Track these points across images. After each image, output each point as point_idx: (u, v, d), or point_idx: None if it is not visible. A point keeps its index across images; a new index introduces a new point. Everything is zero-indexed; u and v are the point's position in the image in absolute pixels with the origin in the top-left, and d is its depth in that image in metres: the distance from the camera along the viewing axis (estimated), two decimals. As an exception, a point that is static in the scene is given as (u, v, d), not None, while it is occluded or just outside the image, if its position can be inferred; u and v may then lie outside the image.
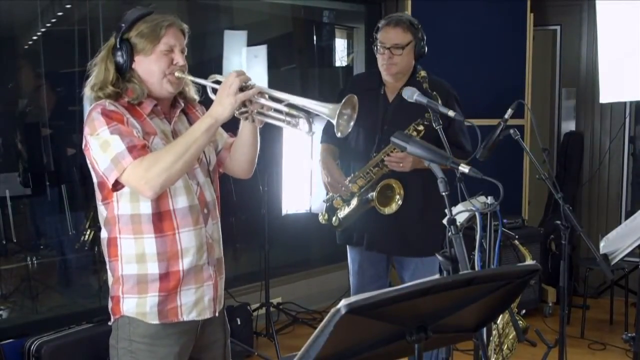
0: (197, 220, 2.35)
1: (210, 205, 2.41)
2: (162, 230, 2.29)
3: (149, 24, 2.28)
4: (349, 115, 2.18)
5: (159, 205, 2.28)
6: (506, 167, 5.44)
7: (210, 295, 2.41)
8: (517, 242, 3.40)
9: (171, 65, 2.31)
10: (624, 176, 6.04)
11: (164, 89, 2.32)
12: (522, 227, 5.39)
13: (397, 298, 1.45)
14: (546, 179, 3.04)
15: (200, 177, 2.39)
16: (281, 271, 5.63)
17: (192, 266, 2.34)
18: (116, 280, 2.35)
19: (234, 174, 2.60)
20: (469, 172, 2.03)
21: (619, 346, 4.78)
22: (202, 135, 2.19)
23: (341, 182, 3.52)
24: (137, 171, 2.16)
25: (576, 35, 6.08)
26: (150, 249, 2.29)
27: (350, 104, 2.17)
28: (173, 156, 2.17)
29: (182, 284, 2.33)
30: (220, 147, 2.55)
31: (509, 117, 3.18)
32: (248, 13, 5.93)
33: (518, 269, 1.69)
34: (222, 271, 2.50)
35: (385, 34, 3.45)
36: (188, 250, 2.32)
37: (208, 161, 2.45)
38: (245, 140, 2.45)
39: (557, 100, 6.26)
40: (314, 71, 6.58)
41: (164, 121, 2.37)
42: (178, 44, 2.32)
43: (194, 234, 2.33)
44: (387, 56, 3.43)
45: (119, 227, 2.31)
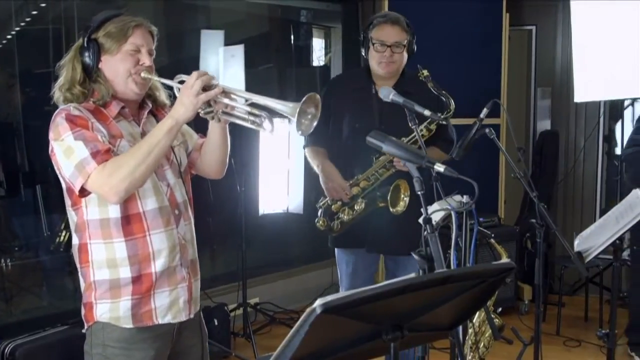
0: (168, 222, 2.33)
1: (181, 206, 2.40)
2: (132, 233, 2.27)
3: (117, 24, 2.28)
4: (312, 114, 2.17)
5: (128, 208, 2.26)
6: (482, 166, 5.47)
7: (185, 297, 2.39)
8: (493, 240, 3.42)
9: (137, 65, 2.29)
10: (598, 175, 6.10)
11: (129, 89, 2.31)
12: (498, 226, 5.43)
13: (373, 297, 1.45)
14: (521, 178, 3.06)
15: (170, 179, 2.38)
16: (258, 271, 5.61)
17: (165, 268, 2.32)
18: (88, 287, 2.33)
19: (206, 174, 2.59)
20: (445, 171, 2.04)
21: (593, 343, 4.83)
22: (164, 137, 2.18)
23: (344, 186, 3.48)
24: (100, 177, 2.14)
25: (551, 35, 6.13)
26: (120, 253, 2.27)
27: (313, 102, 2.16)
28: (136, 160, 2.15)
29: (155, 286, 2.31)
30: (190, 148, 2.54)
31: (484, 117, 3.20)
32: (225, 12, 5.91)
33: (493, 267, 1.70)
34: (196, 272, 2.48)
35: (384, 32, 3.45)
36: (160, 252, 2.30)
37: (179, 162, 2.44)
38: (215, 140, 2.44)
39: (532, 99, 6.31)
40: (291, 71, 6.57)
41: (133, 123, 2.35)
42: (145, 44, 2.31)
43: (166, 236, 2.32)
44: (388, 54, 3.43)
45: (89, 233, 2.29)
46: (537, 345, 3.23)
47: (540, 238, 3.14)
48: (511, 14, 5.69)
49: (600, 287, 5.39)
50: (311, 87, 6.62)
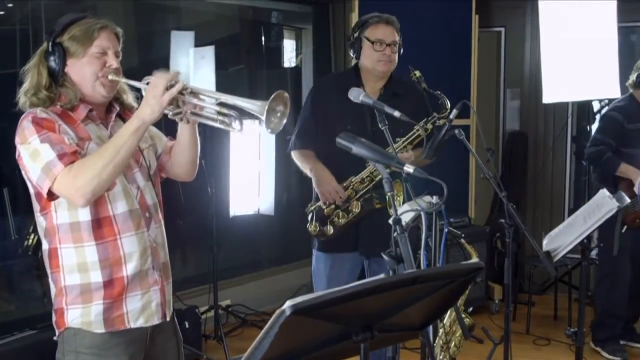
0: (139, 225, 2.31)
1: (151, 209, 2.38)
2: (102, 236, 2.25)
3: (82, 27, 2.25)
4: (281, 112, 2.17)
5: (98, 211, 2.24)
6: (453, 167, 5.49)
7: (158, 300, 2.37)
8: (463, 240, 3.44)
9: (104, 67, 2.28)
10: (566, 175, 6.17)
11: (97, 92, 2.29)
12: (468, 226, 5.46)
13: (343, 298, 1.45)
14: (490, 178, 3.08)
15: (140, 181, 2.36)
16: (230, 273, 5.60)
17: (137, 271, 2.30)
18: (59, 292, 2.31)
19: (177, 176, 2.58)
20: (414, 172, 2.05)
21: (562, 341, 4.88)
22: (130, 138, 2.16)
23: (338, 189, 3.47)
24: (67, 179, 2.12)
25: (520, 37, 6.19)
26: (91, 257, 2.25)
27: (281, 100, 2.16)
28: (102, 161, 2.13)
29: (127, 290, 2.29)
30: (160, 151, 2.53)
31: (454, 118, 3.22)
32: (195, 13, 5.88)
33: (462, 267, 1.71)
34: (168, 275, 2.47)
35: (381, 31, 3.51)
36: (131, 255, 2.29)
37: (148, 165, 2.42)
38: (185, 142, 2.43)
39: (501, 100, 6.36)
40: (262, 72, 6.56)
41: (101, 126, 2.34)
42: (111, 46, 2.30)
43: (137, 239, 2.30)
44: (388, 52, 3.49)
45: (59, 237, 2.26)
46: (507, 344, 3.26)
47: (510, 238, 3.16)
48: (480, 15, 5.74)
49: (569, 286, 5.45)
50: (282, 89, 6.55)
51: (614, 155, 4.56)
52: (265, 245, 6.25)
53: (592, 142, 4.69)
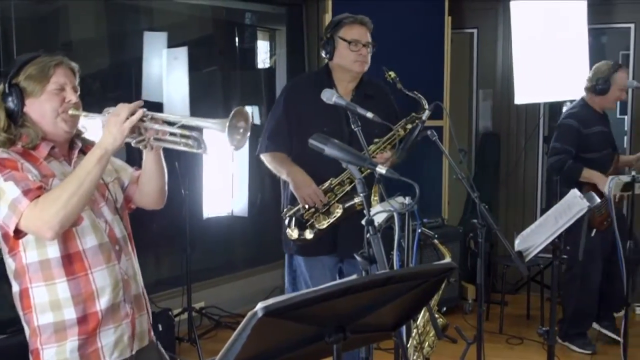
0: (109, 258, 2.31)
1: (121, 241, 2.37)
2: (73, 272, 2.24)
3: (37, 65, 2.24)
4: (244, 128, 2.16)
5: (67, 247, 2.23)
6: (426, 168, 5.54)
7: (129, 333, 2.36)
8: (436, 241, 3.46)
9: (64, 103, 2.27)
10: (538, 175, 6.23)
11: (59, 128, 2.28)
12: (441, 226, 5.50)
13: (315, 299, 1.46)
14: (463, 179, 3.10)
15: (107, 215, 2.35)
16: (203, 275, 5.56)
17: (110, 305, 2.29)
18: (33, 333, 2.28)
19: (147, 206, 2.56)
20: (386, 173, 2.05)
21: (535, 340, 4.92)
22: (94, 168, 2.15)
23: (319, 193, 3.43)
24: (33, 213, 2.10)
25: (492, 38, 6.23)
26: (64, 294, 2.23)
27: (242, 117, 2.15)
28: (68, 193, 2.11)
29: (101, 324, 2.28)
30: (126, 182, 2.51)
31: (426, 119, 3.24)
32: (168, 14, 5.85)
33: (433, 267, 1.72)
34: (142, 307, 2.45)
35: (356, 31, 3.51)
36: (104, 289, 2.28)
37: (114, 198, 2.41)
38: (151, 169, 2.42)
39: (474, 101, 6.40)
40: (236, 73, 6.54)
41: (64, 163, 2.33)
42: (69, 82, 2.29)
43: (108, 272, 2.29)
44: (364, 52, 3.50)
45: (29, 277, 2.24)
46: (480, 343, 3.28)
47: (482, 238, 3.19)
48: (453, 17, 5.78)
49: (541, 285, 5.51)
50: (256, 90, 6.61)
51: (575, 162, 4.62)
52: (239, 246, 6.23)
53: (552, 151, 4.73)
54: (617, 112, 6.41)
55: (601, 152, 4.73)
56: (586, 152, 4.67)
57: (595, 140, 4.71)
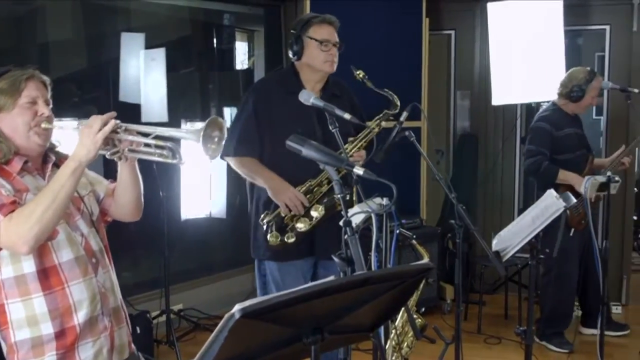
0: (86, 271, 2.29)
1: (98, 254, 2.36)
2: (50, 286, 2.22)
3: (8, 79, 2.23)
4: (218, 137, 2.17)
5: (43, 261, 2.21)
6: (404, 169, 5.55)
7: (108, 346, 2.35)
8: (414, 241, 3.47)
9: (36, 117, 2.26)
10: (516, 175, 6.27)
11: (32, 142, 2.26)
12: (420, 227, 5.51)
13: (292, 301, 1.45)
14: (440, 180, 3.11)
15: (83, 228, 2.33)
16: (182, 277, 5.55)
17: (88, 318, 2.27)
18: (10, 349, 2.26)
19: (123, 218, 2.54)
20: (364, 174, 2.06)
21: (513, 339, 4.95)
22: (68, 180, 2.14)
23: (300, 197, 3.36)
24: (7, 228, 2.09)
25: (470, 39, 6.26)
26: (40, 309, 2.22)
27: (216, 126, 2.15)
28: (42, 206, 2.11)
29: (79, 338, 2.27)
30: (102, 195, 2.50)
31: (404, 120, 3.25)
32: (145, 15, 5.82)
33: (411, 268, 1.73)
34: (121, 320, 2.44)
35: (326, 31, 3.46)
36: (81, 302, 2.26)
37: (90, 211, 2.39)
38: (126, 181, 2.41)
39: (452, 102, 6.43)
40: (214, 74, 6.53)
41: (38, 177, 2.31)
42: (40, 95, 2.27)
43: (85, 285, 2.28)
44: (334, 52, 3.45)
45: (5, 293, 2.22)
46: (458, 343, 3.30)
47: (460, 238, 3.21)
48: (430, 19, 5.80)
49: (518, 285, 5.54)
50: (234, 91, 6.59)
51: (550, 163, 4.67)
52: (218, 248, 6.21)
53: (527, 154, 4.79)
54: (593, 113, 6.48)
55: (575, 153, 4.78)
56: (559, 153, 4.73)
57: (568, 142, 4.77)
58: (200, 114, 6.10)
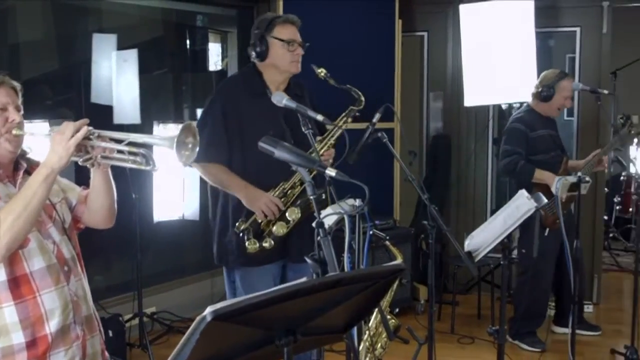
0: (58, 280, 2.26)
1: (70, 262, 2.33)
2: (21, 295, 2.19)
3: None
4: (192, 144, 2.16)
5: (14, 270, 2.18)
6: (378, 170, 5.57)
7: (80, 355, 2.32)
8: (388, 242, 3.48)
9: (7, 123, 2.23)
10: (488, 176, 6.32)
11: (3, 148, 2.24)
12: (393, 228, 5.53)
13: (264, 303, 1.45)
14: (413, 181, 3.13)
15: (55, 236, 2.31)
16: (155, 280, 5.51)
17: (60, 327, 2.25)
18: None
19: (96, 225, 2.51)
20: (336, 175, 2.06)
21: (486, 339, 4.99)
22: (40, 187, 2.12)
23: (276, 201, 3.31)
24: None
25: (442, 41, 6.30)
26: (11, 318, 2.18)
27: (190, 132, 2.15)
28: (13, 214, 2.08)
29: (51, 348, 2.23)
30: (74, 202, 2.47)
31: (377, 121, 3.25)
32: (117, 16, 5.78)
33: (383, 269, 1.73)
34: (93, 328, 2.41)
35: (290, 30, 3.40)
36: (53, 311, 2.23)
37: (62, 219, 2.37)
38: (99, 187, 2.38)
39: (425, 103, 6.46)
40: (187, 76, 6.50)
41: (9, 185, 2.28)
42: (11, 101, 2.25)
43: (57, 294, 2.25)
44: (299, 52, 3.39)
45: None
46: (431, 344, 3.31)
47: (433, 239, 3.22)
48: (403, 20, 5.83)
49: (491, 285, 5.58)
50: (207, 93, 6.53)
51: (527, 163, 4.72)
52: (191, 250, 6.18)
53: (503, 154, 4.84)
54: (565, 115, 6.54)
55: (549, 154, 4.85)
56: (534, 154, 4.80)
57: (542, 143, 4.84)
58: (173, 115, 6.07)
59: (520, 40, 5.39)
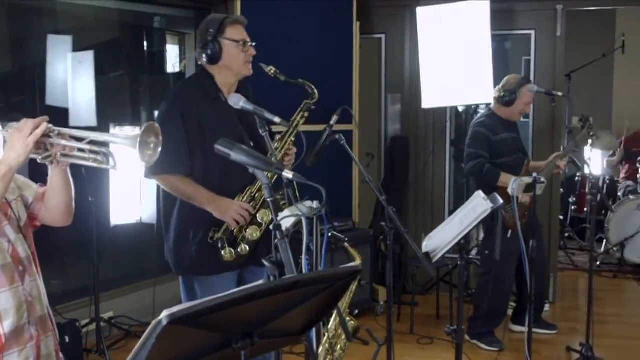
0: (13, 279, 2.23)
1: (25, 262, 2.30)
2: None
3: None
4: (154, 144, 2.15)
5: None
6: (337, 172, 5.58)
7: (34, 356, 2.29)
8: (347, 244, 3.49)
9: None
10: (446, 177, 6.37)
11: None
12: (352, 230, 5.54)
13: (220, 306, 1.44)
14: (371, 183, 3.14)
15: (10, 235, 2.27)
16: (112, 284, 5.45)
17: (14, 328, 2.21)
18: None
19: (53, 222, 2.47)
20: (293, 177, 2.06)
21: (445, 339, 5.02)
22: None
23: (246, 207, 3.24)
24: None
25: (400, 43, 6.34)
26: None
27: (153, 132, 2.14)
28: None
29: (5, 348, 2.20)
30: (31, 200, 2.43)
31: (334, 123, 3.26)
32: (73, 17, 5.71)
33: (340, 270, 1.73)
34: (47, 329, 2.38)
35: (240, 31, 3.32)
36: (7, 311, 2.20)
37: (18, 217, 2.33)
38: (57, 185, 2.36)
39: (383, 105, 6.50)
40: (144, 78, 6.44)
41: None
42: None
43: (11, 294, 2.22)
44: (253, 52, 3.31)
45: None
46: (390, 344, 3.33)
47: (391, 240, 3.24)
48: (361, 23, 5.85)
49: (450, 285, 5.63)
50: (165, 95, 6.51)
51: (492, 166, 4.78)
52: (148, 254, 6.10)
53: (468, 157, 4.90)
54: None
55: (511, 157, 4.92)
56: (497, 157, 4.86)
57: (504, 146, 4.91)
58: (130, 118, 6.01)
59: (477, 43, 5.45)
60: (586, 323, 4.40)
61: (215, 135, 2.98)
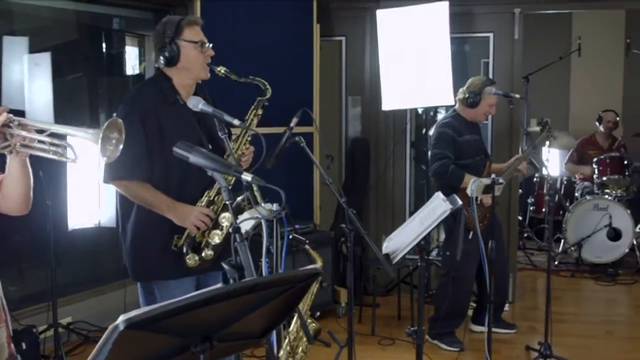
0: None
1: None
2: None
3: None
4: (117, 139, 2.15)
5: None
6: (298, 174, 5.58)
7: None
8: (308, 246, 3.49)
9: None
10: (407, 179, 6.40)
11: None
12: (313, 232, 5.54)
13: (178, 310, 1.43)
14: (331, 185, 3.14)
15: None
16: (70, 289, 5.37)
17: None
18: None
19: (10, 211, 2.45)
20: (252, 180, 2.05)
21: (406, 340, 5.04)
22: None
23: (207, 212, 3.16)
24: None
25: (360, 46, 6.36)
26: None
27: (116, 127, 2.14)
28: None
29: None
30: None
31: (294, 125, 3.26)
32: (29, 18, 5.62)
33: (299, 273, 1.73)
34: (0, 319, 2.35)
35: (198, 32, 3.25)
36: None
37: None
38: (15, 175, 2.34)
39: (343, 107, 6.51)
40: (103, 80, 6.36)
41: None
42: None
43: None
44: (210, 53, 3.24)
45: None
46: (351, 346, 3.33)
47: (351, 242, 3.24)
48: (321, 25, 5.86)
49: (410, 286, 5.66)
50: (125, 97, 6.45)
51: (456, 167, 4.83)
52: (107, 258, 6.04)
53: (433, 157, 4.94)
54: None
55: (474, 159, 4.98)
56: (460, 159, 4.92)
57: (467, 148, 4.96)
58: (88, 120, 5.93)
59: (436, 45, 5.50)
60: (544, 322, 4.46)
61: (175, 138, 2.88)
